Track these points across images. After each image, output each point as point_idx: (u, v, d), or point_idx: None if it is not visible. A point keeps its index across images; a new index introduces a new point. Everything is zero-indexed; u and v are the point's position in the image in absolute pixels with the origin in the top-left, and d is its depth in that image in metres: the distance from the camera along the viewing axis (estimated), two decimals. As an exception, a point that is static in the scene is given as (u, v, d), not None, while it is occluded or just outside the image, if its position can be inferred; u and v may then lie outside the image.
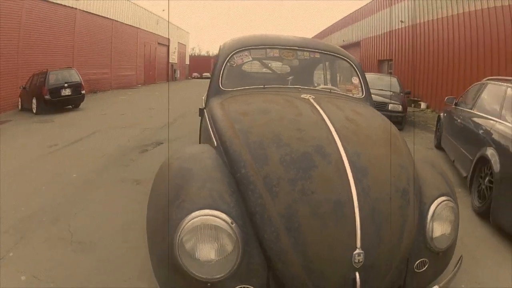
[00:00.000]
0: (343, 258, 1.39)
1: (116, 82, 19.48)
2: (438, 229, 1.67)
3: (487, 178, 3.35)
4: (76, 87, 10.96)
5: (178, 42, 30.65)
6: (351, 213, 1.44)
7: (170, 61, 28.10)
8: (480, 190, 3.45)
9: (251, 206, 1.47)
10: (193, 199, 1.47)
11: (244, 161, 1.62)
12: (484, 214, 3.25)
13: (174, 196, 1.52)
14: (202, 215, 1.39)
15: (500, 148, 3.24)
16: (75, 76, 11.33)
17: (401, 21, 15.57)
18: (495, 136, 3.43)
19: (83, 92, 11.30)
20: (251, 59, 3.02)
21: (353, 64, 2.97)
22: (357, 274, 1.39)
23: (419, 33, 13.95)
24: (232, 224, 1.41)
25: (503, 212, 2.98)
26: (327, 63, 3.44)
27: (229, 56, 2.70)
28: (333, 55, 3.07)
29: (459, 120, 4.74)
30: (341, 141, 1.71)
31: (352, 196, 1.47)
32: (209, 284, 1.37)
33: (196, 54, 55.94)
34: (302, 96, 2.42)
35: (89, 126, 7.43)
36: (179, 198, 1.50)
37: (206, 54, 59.52)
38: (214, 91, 2.60)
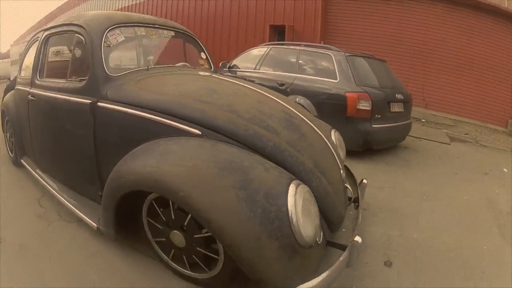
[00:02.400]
0: (340, 175, 2.03)
1: None
2: (341, 151, 2.38)
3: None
4: None
5: None
6: (330, 149, 2.09)
7: None
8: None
9: (295, 168, 1.69)
10: (275, 181, 1.49)
11: (264, 135, 1.71)
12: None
13: (247, 193, 1.42)
14: (296, 187, 1.47)
15: (310, 95, 4.24)
16: None
17: None
18: (302, 87, 4.36)
19: None
20: (124, 38, 2.51)
21: (199, 41, 3.15)
22: (346, 184, 2.07)
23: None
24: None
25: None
26: (181, 41, 3.41)
27: (104, 35, 2.21)
28: (185, 33, 3.07)
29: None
30: (286, 104, 2.11)
31: (325, 140, 2.08)
32: (312, 244, 1.47)
33: None
34: (201, 73, 2.49)
35: None
36: (258, 191, 1.44)
37: None
38: (102, 78, 2.11)
